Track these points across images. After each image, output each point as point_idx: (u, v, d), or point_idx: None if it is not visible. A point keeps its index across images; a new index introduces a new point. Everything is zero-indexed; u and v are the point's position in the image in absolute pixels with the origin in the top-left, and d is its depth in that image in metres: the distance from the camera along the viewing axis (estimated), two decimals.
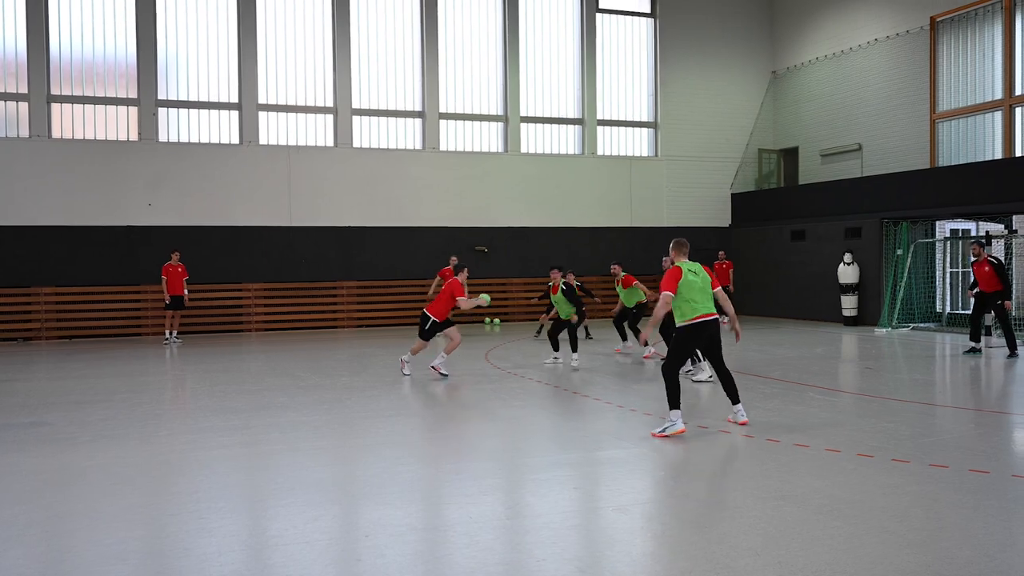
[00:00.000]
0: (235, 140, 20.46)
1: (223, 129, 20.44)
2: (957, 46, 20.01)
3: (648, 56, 24.45)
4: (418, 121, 22.03)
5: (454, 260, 18.18)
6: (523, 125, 22.91)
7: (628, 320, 14.96)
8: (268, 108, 20.73)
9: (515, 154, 22.69)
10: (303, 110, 21.07)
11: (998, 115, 19.03)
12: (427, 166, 21.80)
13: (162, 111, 19.95)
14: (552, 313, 16.70)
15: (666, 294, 8.13)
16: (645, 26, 24.42)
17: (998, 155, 18.86)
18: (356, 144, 21.37)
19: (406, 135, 22.00)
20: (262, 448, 7.89)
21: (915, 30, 20.83)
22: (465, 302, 12.04)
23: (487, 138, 22.77)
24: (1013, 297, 13.91)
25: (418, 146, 22.01)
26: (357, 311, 21.01)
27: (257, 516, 6.04)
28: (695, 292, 8.20)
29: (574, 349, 13.36)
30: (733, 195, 24.74)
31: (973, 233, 19.82)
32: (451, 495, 6.41)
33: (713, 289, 8.42)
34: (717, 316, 8.35)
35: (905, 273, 19.00)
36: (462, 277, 12.48)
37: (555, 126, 23.43)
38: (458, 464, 7.33)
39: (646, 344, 13.50)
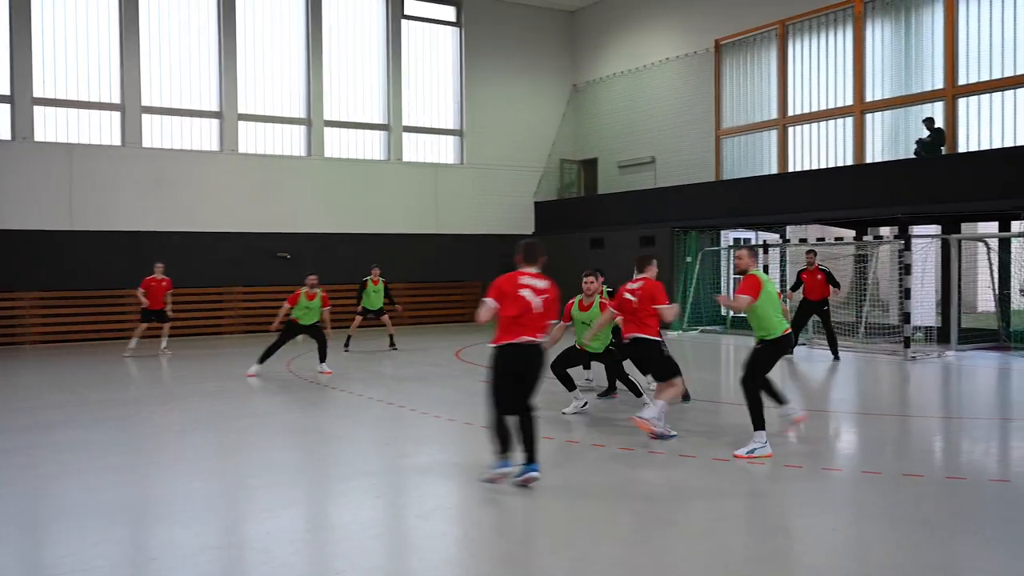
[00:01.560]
0: (6, 135, 18.76)
1: None
2: (738, 68, 21.53)
3: (453, 65, 24.66)
4: (215, 122, 21.10)
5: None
6: (327, 129, 22.46)
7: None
8: (46, 102, 19.15)
9: (319, 158, 22.21)
10: (86, 106, 19.62)
11: (774, 133, 20.63)
12: (225, 168, 20.90)
13: None
14: (358, 322, 16.53)
15: (746, 298, 7.44)
16: (450, 35, 24.63)
17: (774, 170, 20.45)
18: (146, 143, 20.15)
19: (202, 135, 21.00)
20: (39, 470, 7.25)
21: (701, 51, 22.21)
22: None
23: (289, 141, 22.15)
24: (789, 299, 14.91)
25: (215, 147, 21.07)
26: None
27: (31, 544, 5.54)
28: (775, 303, 7.66)
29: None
30: (536, 203, 25.40)
31: (753, 241, 21.35)
32: (247, 511, 6.16)
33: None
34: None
35: (694, 279, 20.20)
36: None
37: (360, 131, 23.14)
38: (255, 478, 7.05)
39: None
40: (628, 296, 8.61)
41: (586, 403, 9.72)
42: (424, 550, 5.27)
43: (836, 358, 14.55)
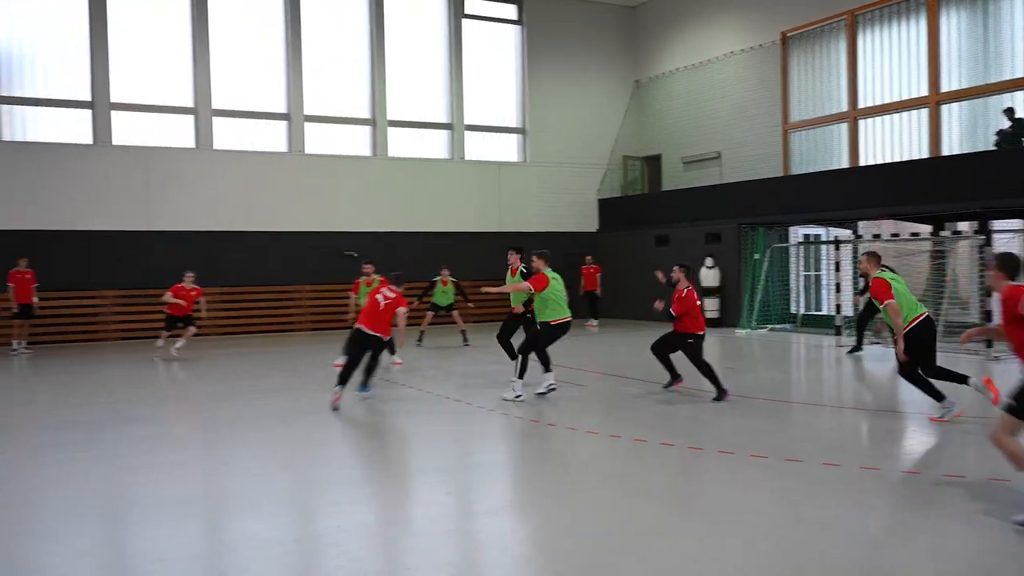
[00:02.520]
0: (88, 140, 19.36)
1: (74, 128, 19.31)
2: (806, 60, 21.09)
3: (516, 63, 24.67)
4: (283, 123, 21.47)
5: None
6: (391, 129, 22.67)
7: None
8: (123, 107, 19.71)
9: (383, 158, 22.44)
10: (161, 110, 20.16)
11: (844, 127, 20.15)
12: (292, 169, 21.26)
13: (5, 108, 18.69)
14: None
15: (893, 303, 8.27)
16: (512, 33, 24.64)
17: (845, 164, 19.97)
18: (218, 146, 20.61)
19: (270, 137, 21.39)
20: (118, 463, 7.46)
21: (768, 44, 21.82)
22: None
23: (355, 141, 22.42)
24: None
25: (283, 149, 21.44)
26: (221, 318, 20.24)
27: (112, 534, 5.69)
28: (905, 296, 8.50)
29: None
30: (600, 200, 25.26)
31: (824, 238, 20.89)
32: (320, 505, 6.23)
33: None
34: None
35: (762, 276, 19.85)
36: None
37: (424, 130, 23.31)
38: (327, 473, 7.13)
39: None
40: None
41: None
42: (494, 547, 5.26)
43: (855, 350, 14.40)
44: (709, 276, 20.64)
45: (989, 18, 17.32)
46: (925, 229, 18.29)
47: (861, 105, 19.76)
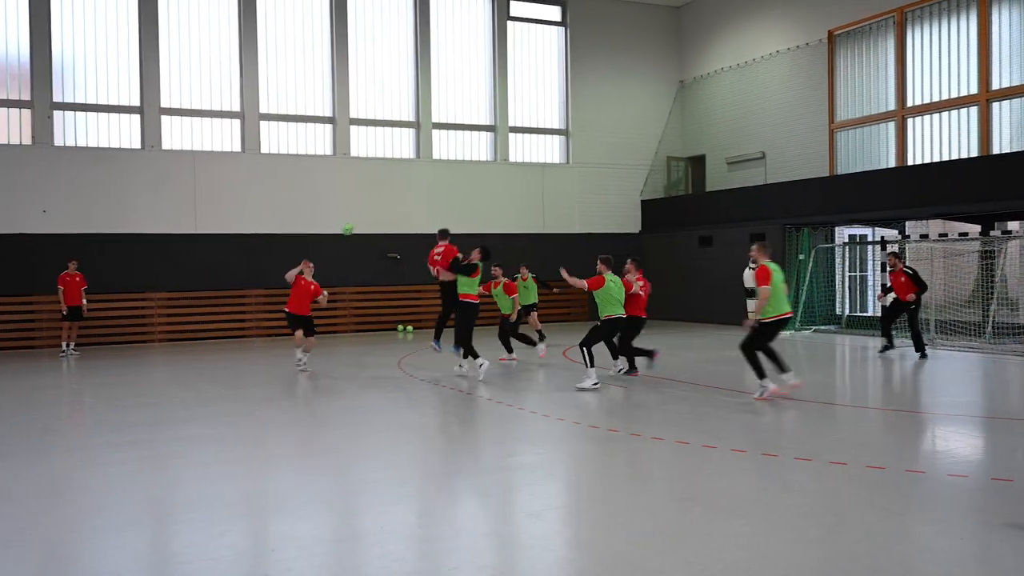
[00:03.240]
0: (136, 145, 19.80)
1: (124, 133, 19.77)
2: (853, 59, 20.81)
3: (559, 64, 24.69)
4: (328, 127, 21.74)
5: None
6: (435, 131, 22.83)
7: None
8: (172, 112, 20.12)
9: (427, 160, 22.60)
10: (208, 114, 20.52)
11: (892, 125, 19.85)
12: (338, 172, 21.51)
13: (57, 114, 19.18)
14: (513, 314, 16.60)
15: (767, 289, 10.09)
16: (556, 35, 24.66)
17: (892, 164, 19.67)
18: (264, 150, 20.94)
19: (316, 141, 21.67)
20: (164, 463, 7.63)
21: (814, 43, 21.57)
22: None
23: (399, 144, 22.61)
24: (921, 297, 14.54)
25: (328, 152, 21.71)
26: (265, 320, 20.55)
27: (159, 533, 5.83)
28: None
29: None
30: (643, 202, 25.16)
31: (870, 238, 20.59)
32: (362, 505, 6.31)
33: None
34: None
35: (807, 277, 19.62)
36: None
37: (467, 132, 23.43)
38: (369, 474, 7.23)
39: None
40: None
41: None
42: (535, 549, 5.29)
43: (923, 356, 14.16)
44: (752, 278, 20.41)
45: None
46: (974, 229, 17.96)
47: (909, 103, 19.45)
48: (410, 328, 21.78)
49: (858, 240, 20.90)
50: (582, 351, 11.32)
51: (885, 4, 19.77)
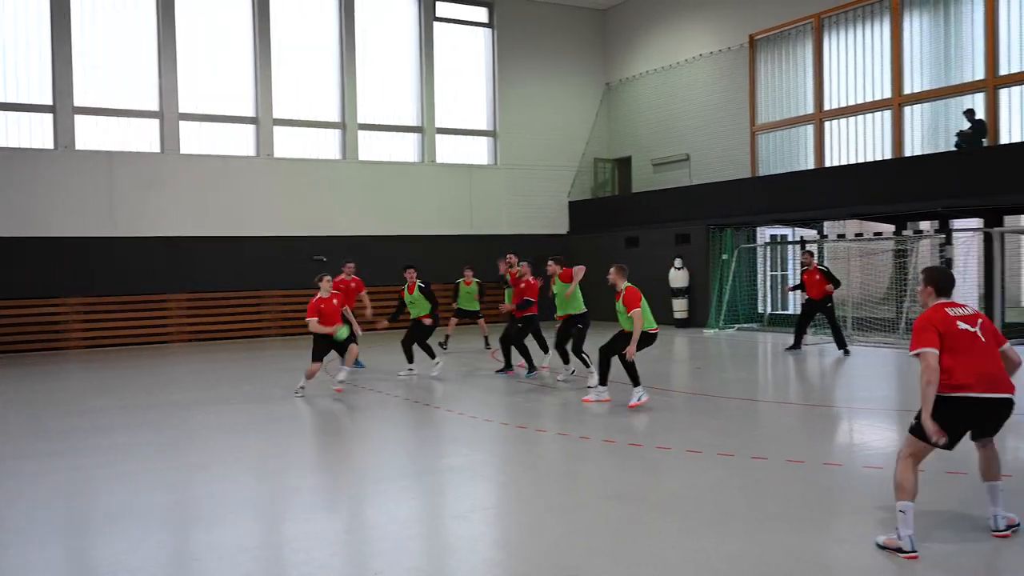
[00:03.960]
0: (49, 144, 19.13)
1: (36, 133, 19.08)
2: (773, 63, 21.32)
3: (486, 66, 24.71)
4: (251, 127, 21.35)
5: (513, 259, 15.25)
6: (361, 132, 22.63)
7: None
8: (86, 111, 19.49)
9: (354, 161, 22.38)
10: (125, 114, 19.95)
11: (810, 128, 20.39)
12: (262, 173, 21.14)
13: None
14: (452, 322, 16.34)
15: (639, 311, 9.70)
16: (482, 36, 24.68)
17: (811, 165, 20.21)
18: (184, 150, 20.44)
19: (239, 141, 21.25)
20: (85, 473, 7.39)
21: (735, 47, 22.03)
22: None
23: (324, 145, 22.34)
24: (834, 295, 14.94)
25: (252, 153, 21.32)
26: (188, 325, 20.08)
27: (77, 545, 5.65)
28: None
29: (431, 355, 12.97)
30: (571, 203, 25.35)
31: (790, 238, 21.13)
32: (287, 512, 6.22)
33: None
34: None
35: (730, 277, 20.03)
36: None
37: (394, 133, 23.27)
38: (295, 480, 7.12)
39: None
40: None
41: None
42: (462, 551, 5.29)
43: (846, 352, 14.52)
44: (678, 277, 20.79)
45: (950, 21, 17.62)
46: (888, 229, 18.59)
47: (827, 107, 20.01)
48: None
49: (779, 240, 21.42)
50: (580, 358, 11.31)
51: (803, 10, 20.31)
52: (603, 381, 10.12)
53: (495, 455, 7.96)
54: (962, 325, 5.07)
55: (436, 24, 23.73)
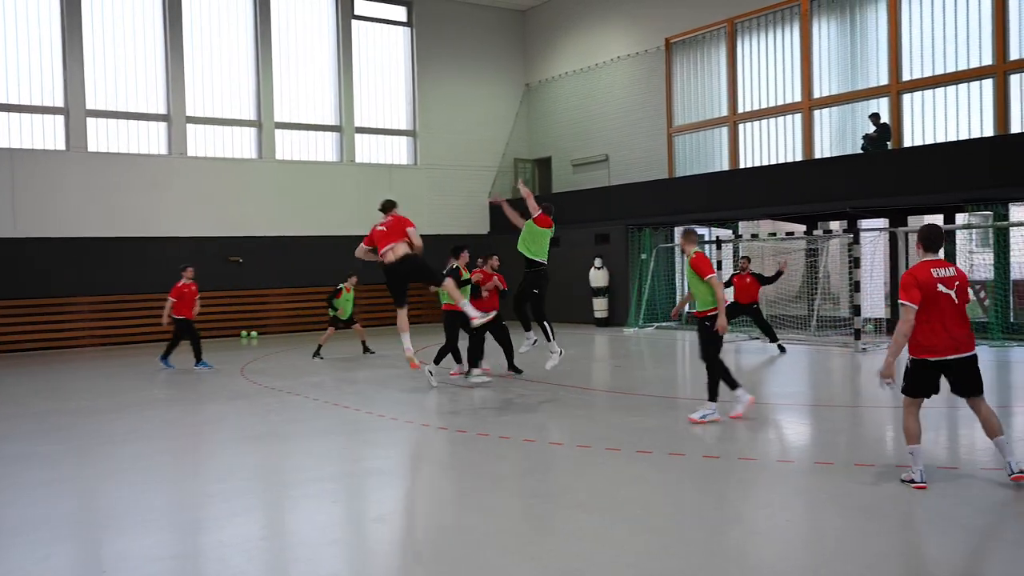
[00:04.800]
0: None
1: None
2: (689, 66, 21.72)
3: (405, 65, 24.55)
4: (163, 125, 20.76)
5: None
6: (278, 131, 22.23)
7: None
8: None
9: (270, 160, 21.97)
10: (28, 110, 19.18)
11: (725, 130, 20.85)
12: (175, 172, 20.57)
13: None
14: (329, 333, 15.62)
15: (715, 277, 8.74)
16: (402, 35, 24.51)
17: (726, 167, 20.66)
18: (92, 148, 19.76)
19: (150, 139, 20.64)
20: None
21: (652, 50, 22.37)
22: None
23: (240, 143, 21.87)
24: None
25: (164, 151, 20.73)
26: (96, 329, 19.41)
27: None
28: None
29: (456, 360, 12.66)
30: (491, 203, 25.37)
31: (707, 238, 21.54)
32: (201, 520, 6.06)
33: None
34: None
35: (649, 276, 20.33)
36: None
37: (312, 132, 22.93)
38: (208, 486, 6.94)
39: None
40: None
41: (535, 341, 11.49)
42: (381, 555, 5.23)
43: (782, 349, 14.84)
44: (598, 277, 21.02)
45: (856, 28, 18.23)
46: (799, 228, 19.14)
47: (741, 110, 20.48)
48: (254, 334, 21.11)
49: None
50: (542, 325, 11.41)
51: (717, 14, 20.75)
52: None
53: (415, 457, 7.91)
54: (941, 288, 5.88)
55: (355, 22, 23.49)
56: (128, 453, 8.24)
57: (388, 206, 11.53)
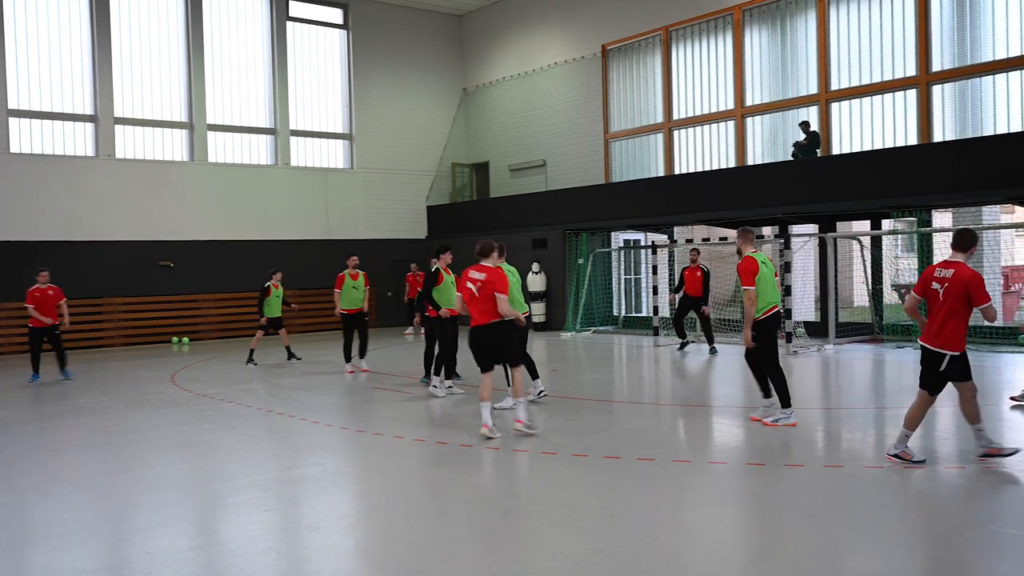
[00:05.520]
0: None
1: None
2: (625, 73, 21.97)
3: (342, 68, 24.35)
4: (90, 125, 20.23)
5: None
6: (210, 133, 21.83)
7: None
8: None
9: (202, 163, 21.56)
10: None
11: (660, 136, 21.13)
12: (103, 174, 20.04)
13: None
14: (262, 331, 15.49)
15: (752, 291, 8.48)
16: (337, 37, 24.30)
17: (661, 172, 20.94)
18: (15, 149, 19.15)
19: (77, 140, 20.09)
20: None
21: (589, 56, 22.57)
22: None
23: (171, 146, 21.42)
24: (709, 302, 15.53)
25: (91, 153, 20.20)
26: (17, 336, 18.77)
27: None
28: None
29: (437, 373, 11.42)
30: (429, 207, 25.30)
31: (643, 243, 21.80)
32: (128, 531, 5.90)
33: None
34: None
35: (586, 280, 20.48)
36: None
37: (246, 135, 22.58)
38: (136, 496, 6.76)
39: None
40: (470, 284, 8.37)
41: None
42: (315, 562, 5.16)
43: (713, 351, 15.18)
44: (536, 281, 21.09)
45: (787, 38, 18.66)
46: (733, 233, 19.45)
47: (675, 116, 20.78)
48: (186, 340, 20.68)
49: (632, 244, 22.07)
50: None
51: (653, 22, 21.03)
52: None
53: (350, 463, 7.83)
54: (934, 285, 6.60)
55: (289, 24, 23.21)
56: (54, 464, 7.98)
57: (486, 250, 8.62)
